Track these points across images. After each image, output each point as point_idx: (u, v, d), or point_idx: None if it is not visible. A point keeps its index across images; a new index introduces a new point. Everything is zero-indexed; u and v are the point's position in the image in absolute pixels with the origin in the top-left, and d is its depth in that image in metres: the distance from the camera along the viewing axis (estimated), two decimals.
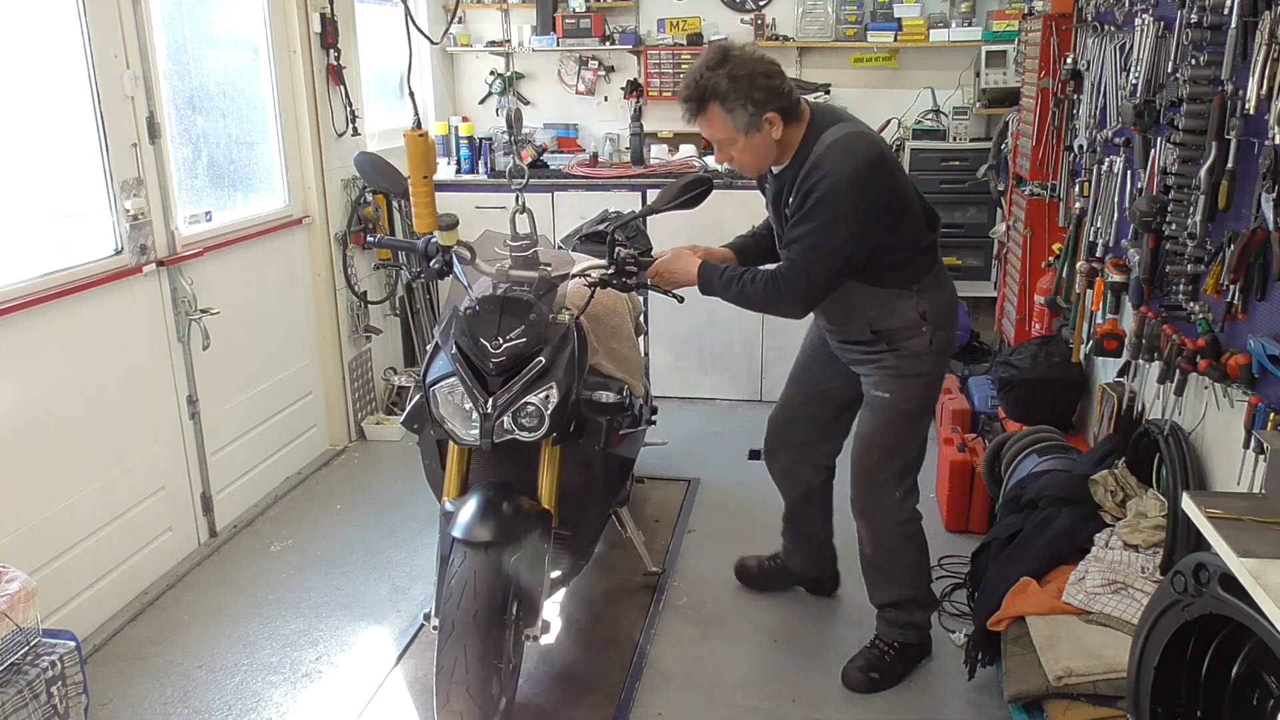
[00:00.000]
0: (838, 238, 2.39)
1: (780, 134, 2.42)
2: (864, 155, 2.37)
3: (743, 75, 2.35)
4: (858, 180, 2.35)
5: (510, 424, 2.46)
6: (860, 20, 5.27)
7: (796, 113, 2.44)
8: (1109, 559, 2.50)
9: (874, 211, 2.40)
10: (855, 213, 2.37)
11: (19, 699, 2.23)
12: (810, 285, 2.45)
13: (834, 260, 2.42)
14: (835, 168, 2.35)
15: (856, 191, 2.35)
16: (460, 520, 2.42)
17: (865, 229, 2.41)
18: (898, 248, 2.52)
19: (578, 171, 5.15)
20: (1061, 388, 3.66)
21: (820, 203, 2.36)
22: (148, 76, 3.30)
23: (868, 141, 2.43)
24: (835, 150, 2.38)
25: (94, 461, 3.12)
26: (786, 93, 2.40)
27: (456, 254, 2.62)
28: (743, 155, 2.48)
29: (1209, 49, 2.28)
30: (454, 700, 2.29)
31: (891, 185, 2.44)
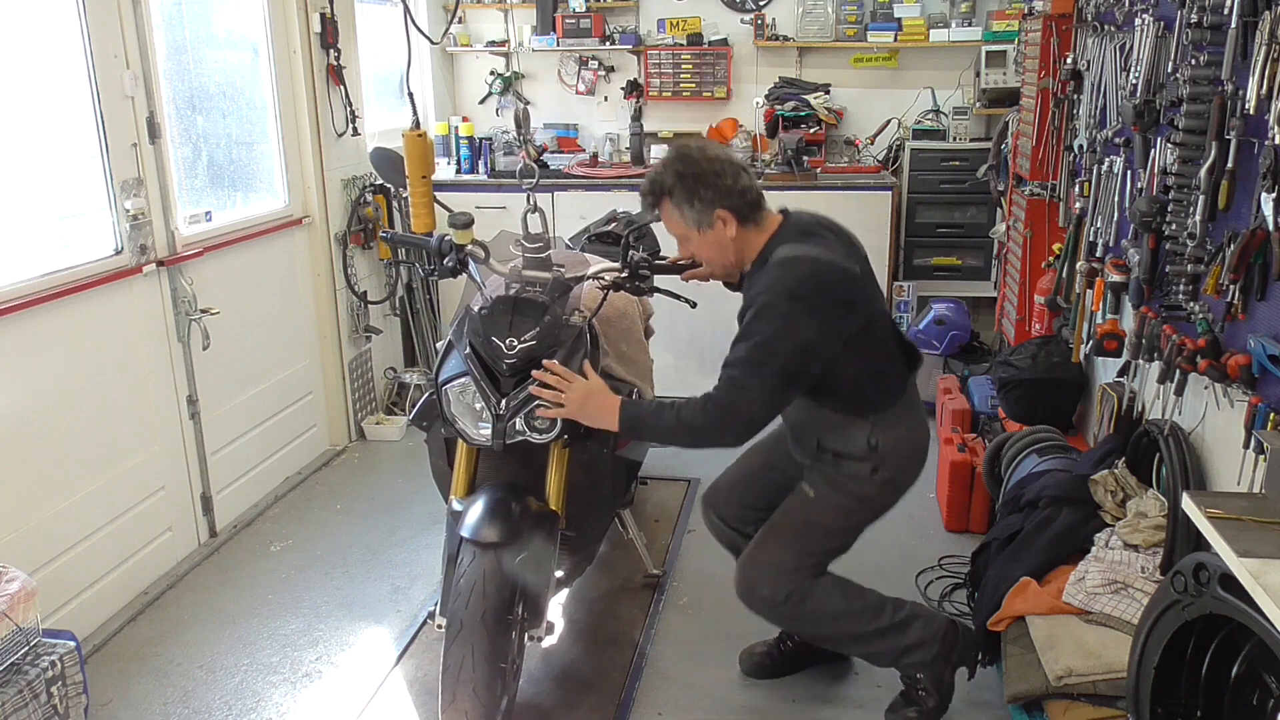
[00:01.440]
0: (775, 355, 2.25)
1: (734, 233, 2.35)
2: (805, 272, 2.27)
3: (690, 173, 2.32)
4: (794, 296, 2.24)
5: (522, 425, 2.46)
6: (860, 20, 5.27)
7: (755, 217, 2.37)
8: (1109, 559, 2.50)
9: (815, 329, 2.25)
10: (792, 329, 2.23)
11: (19, 699, 2.23)
12: (748, 404, 2.27)
13: (771, 379, 2.26)
14: (772, 283, 2.27)
15: (794, 306, 2.23)
16: (469, 520, 2.42)
17: (805, 347, 2.26)
18: (853, 374, 2.39)
19: (578, 171, 5.15)
20: (1061, 388, 3.66)
21: (756, 318, 2.27)
22: (148, 76, 3.30)
23: (813, 262, 2.30)
24: (776, 267, 2.30)
25: (94, 461, 3.12)
26: (740, 192, 2.32)
27: (470, 253, 2.62)
28: (701, 251, 2.42)
29: (1209, 49, 2.28)
30: (460, 699, 2.29)
31: (840, 305, 2.30)
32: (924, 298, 5.09)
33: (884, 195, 4.89)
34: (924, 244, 5.24)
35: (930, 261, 5.26)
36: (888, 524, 3.76)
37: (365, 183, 4.60)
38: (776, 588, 2.51)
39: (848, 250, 2.45)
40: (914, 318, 4.98)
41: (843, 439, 2.47)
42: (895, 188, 4.96)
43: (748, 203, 2.35)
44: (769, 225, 2.41)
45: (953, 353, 4.72)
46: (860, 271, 2.43)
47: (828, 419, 2.47)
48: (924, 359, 2.62)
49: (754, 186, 2.37)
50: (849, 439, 2.46)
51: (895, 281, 5.12)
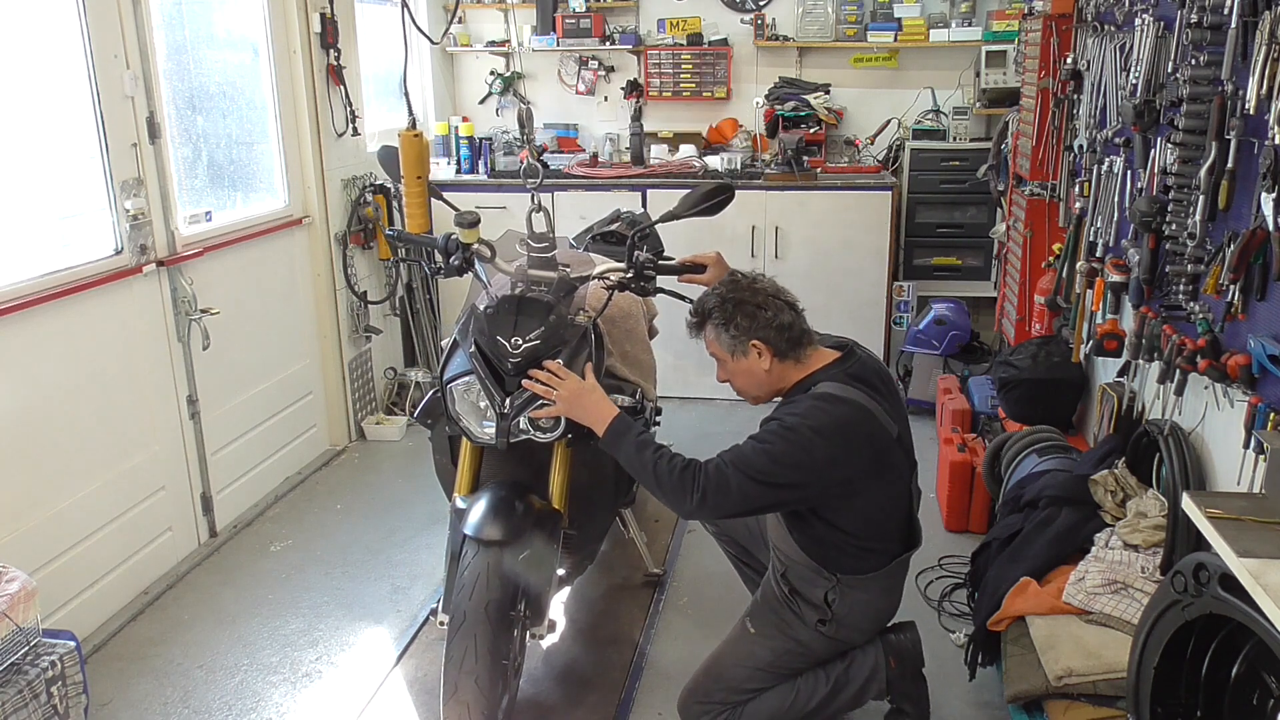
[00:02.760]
0: (774, 473, 2.20)
1: (770, 366, 2.33)
2: (842, 416, 2.23)
3: (732, 299, 2.33)
4: (821, 433, 2.20)
5: (526, 424, 2.47)
6: (860, 20, 5.27)
7: (795, 354, 2.33)
8: (1109, 559, 2.50)
9: (824, 474, 2.22)
10: (803, 461, 2.19)
11: (19, 699, 2.23)
12: (723, 496, 2.21)
13: (759, 489, 2.21)
14: (807, 410, 2.24)
15: (816, 442, 2.19)
16: (472, 518, 2.42)
17: (805, 484, 2.23)
18: (839, 529, 2.32)
19: (578, 171, 5.15)
20: (1061, 388, 3.66)
21: (776, 432, 2.23)
22: (148, 76, 3.30)
23: (855, 409, 2.25)
24: (817, 398, 2.26)
25: (94, 461, 3.12)
26: (779, 327, 2.30)
27: (476, 252, 2.62)
28: (733, 377, 2.41)
29: (1209, 49, 2.28)
30: (462, 690, 2.30)
31: (860, 467, 2.25)
32: (924, 298, 5.09)
33: (884, 195, 4.89)
34: (924, 244, 5.24)
35: (930, 261, 5.26)
36: None
37: (365, 183, 4.60)
38: (704, 710, 2.49)
39: (894, 409, 2.37)
40: (914, 318, 4.98)
41: (804, 581, 2.41)
42: (895, 188, 4.96)
43: (786, 339, 2.32)
44: (812, 362, 2.36)
45: (953, 353, 4.73)
46: (897, 435, 2.35)
47: (798, 557, 2.40)
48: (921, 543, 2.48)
49: (797, 325, 2.34)
50: (809, 584, 2.40)
51: (895, 281, 5.12)
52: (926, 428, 4.71)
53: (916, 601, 3.26)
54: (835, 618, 2.38)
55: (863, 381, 2.33)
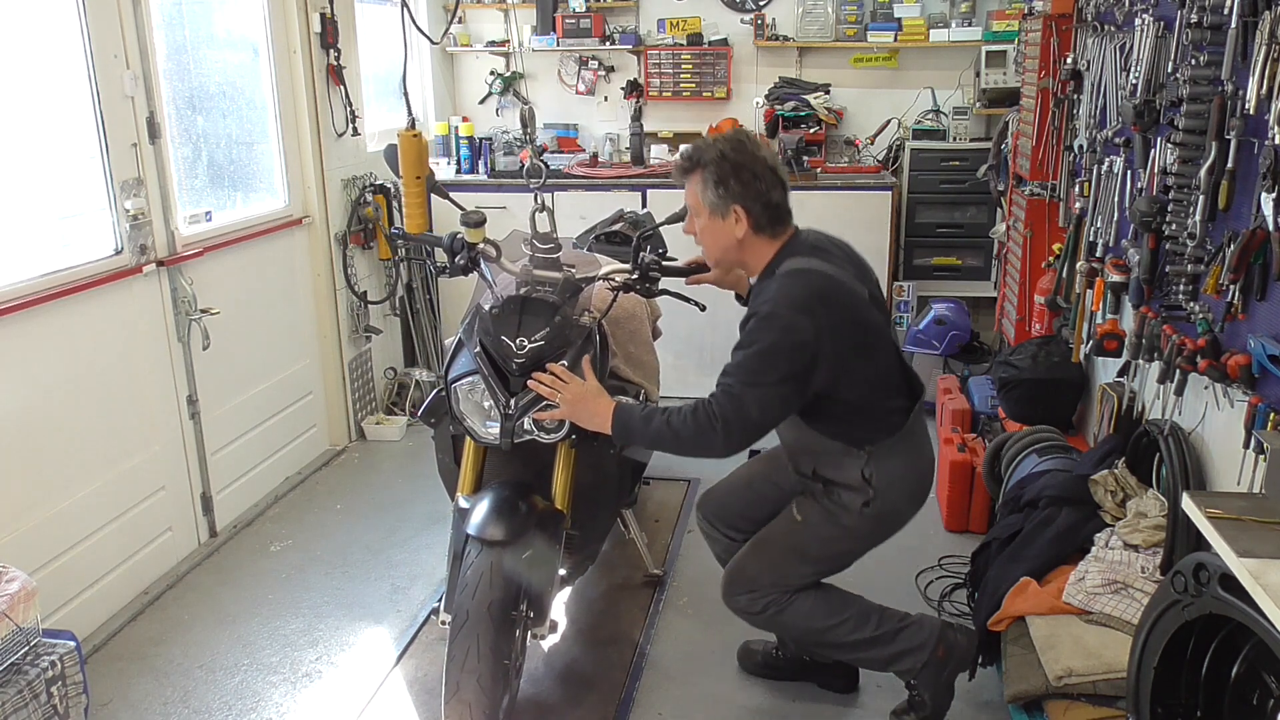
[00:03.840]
0: (774, 365, 2.22)
1: (743, 235, 2.32)
2: (811, 285, 2.26)
3: (731, 159, 2.30)
4: (797, 308, 2.21)
5: (530, 425, 2.47)
6: (860, 20, 5.27)
7: (770, 228, 2.34)
8: (1109, 559, 2.50)
9: (816, 344, 2.22)
10: (793, 341, 2.21)
11: (19, 699, 2.23)
12: (742, 416, 2.24)
13: (769, 391, 2.23)
14: (775, 294, 2.25)
15: (797, 319, 2.20)
16: (475, 518, 2.43)
17: (805, 361, 2.23)
18: (852, 400, 2.35)
19: (578, 171, 5.15)
20: (1061, 388, 3.66)
21: (757, 327, 2.24)
22: (148, 76, 3.30)
23: (820, 276, 2.28)
24: (782, 279, 2.28)
25: (94, 461, 3.12)
26: (764, 199, 2.30)
27: (482, 252, 2.62)
28: (703, 232, 2.40)
29: (1209, 49, 2.28)
30: (464, 690, 2.30)
31: (843, 323, 2.27)
32: (924, 298, 5.09)
33: (884, 195, 4.89)
34: (924, 244, 5.24)
35: (930, 261, 5.25)
36: None
37: (365, 183, 4.60)
38: (752, 600, 2.52)
39: (858, 273, 2.41)
40: (914, 318, 4.98)
41: (837, 468, 2.43)
42: (895, 188, 4.96)
43: (766, 211, 2.32)
44: (781, 238, 2.38)
45: (953, 353, 4.72)
46: (869, 296, 2.39)
47: (824, 445, 2.42)
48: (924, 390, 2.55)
49: (782, 203, 2.35)
50: (844, 469, 2.41)
51: (895, 281, 5.12)
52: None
53: (916, 601, 3.26)
54: (877, 492, 2.38)
55: (821, 251, 2.36)
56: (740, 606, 2.56)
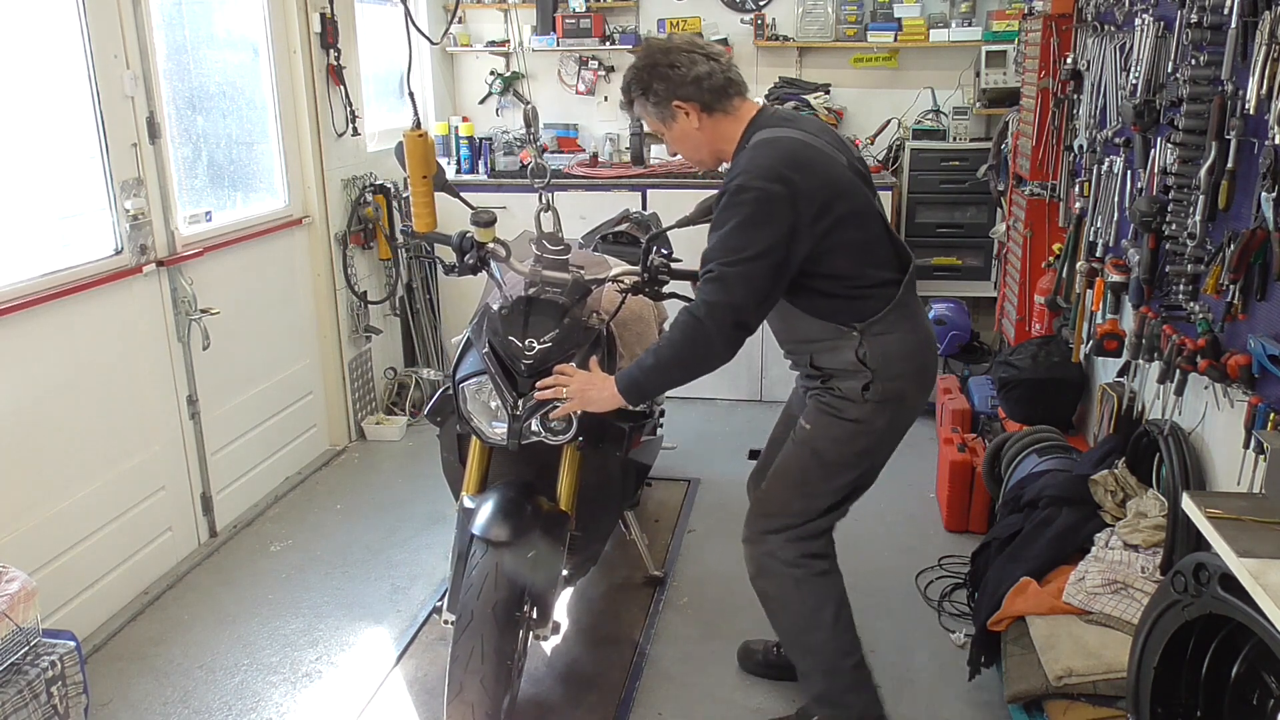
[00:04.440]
0: (753, 240, 2.10)
1: (700, 124, 2.26)
2: (784, 151, 2.15)
3: (645, 66, 2.25)
4: (770, 176, 2.10)
5: (538, 426, 2.47)
6: (860, 20, 5.27)
7: (722, 105, 2.26)
8: (1109, 559, 2.50)
9: (794, 212, 2.11)
10: (770, 210, 2.10)
11: (19, 699, 2.23)
12: (728, 299, 2.13)
13: (749, 268, 2.11)
14: (746, 165, 2.15)
15: (771, 188, 2.09)
16: (481, 518, 2.43)
17: (785, 230, 2.11)
18: (835, 275, 2.24)
19: (578, 171, 5.15)
20: (1061, 388, 3.66)
21: (730, 203, 2.13)
22: (148, 76, 3.30)
23: (792, 142, 2.18)
24: (752, 149, 2.18)
25: (94, 461, 3.12)
26: (696, 80, 2.22)
27: (492, 251, 2.62)
28: (677, 146, 2.35)
29: (1209, 49, 2.28)
30: (467, 690, 2.29)
31: (821, 188, 2.15)
32: (924, 298, 5.08)
33: (884, 195, 4.88)
34: (924, 244, 5.23)
35: (930, 261, 5.25)
36: (887, 524, 3.79)
37: (365, 183, 4.60)
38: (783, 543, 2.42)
39: (835, 142, 2.32)
40: None
41: (833, 353, 2.31)
42: (895, 188, 4.96)
43: (708, 91, 2.23)
44: (745, 113, 2.28)
45: (953, 353, 4.72)
46: (846, 163, 2.27)
47: (814, 330, 2.31)
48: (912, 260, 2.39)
49: (716, 73, 2.24)
50: (838, 353, 2.30)
51: None
52: (926, 428, 4.71)
53: (917, 601, 3.26)
54: (875, 373, 2.27)
55: (792, 121, 2.28)
56: (768, 550, 2.44)
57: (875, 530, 3.75)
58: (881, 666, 2.91)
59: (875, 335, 2.28)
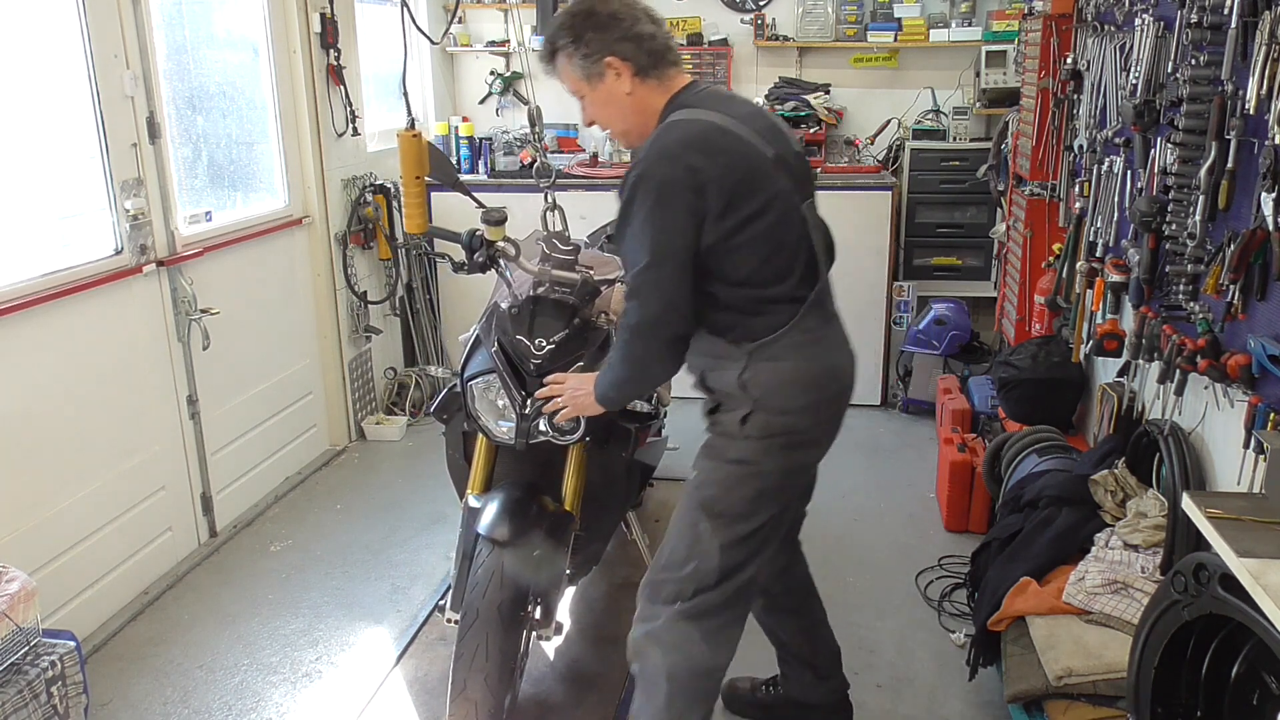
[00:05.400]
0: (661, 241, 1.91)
1: (631, 87, 2.02)
2: (694, 133, 1.94)
3: (580, 10, 2.01)
4: (674, 158, 1.90)
5: (546, 425, 2.47)
6: (860, 20, 5.27)
7: (657, 71, 2.03)
8: (1109, 559, 2.50)
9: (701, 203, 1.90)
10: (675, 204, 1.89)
11: (19, 699, 2.23)
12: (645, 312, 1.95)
13: (664, 275, 1.91)
14: (650, 149, 1.94)
15: (674, 172, 1.89)
16: (486, 518, 2.43)
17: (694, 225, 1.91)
18: (732, 282, 2.00)
19: (578, 171, 5.15)
20: (1061, 388, 3.66)
21: (630, 199, 1.93)
22: (148, 76, 3.30)
23: (705, 125, 1.96)
24: (662, 131, 1.97)
25: (94, 461, 3.12)
26: (636, 38, 2.00)
27: (501, 250, 2.62)
28: (597, 113, 2.10)
29: (1209, 49, 2.28)
30: (470, 688, 2.30)
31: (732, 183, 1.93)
32: (924, 298, 5.09)
33: (884, 195, 4.89)
34: (924, 244, 5.24)
35: (930, 261, 5.25)
36: (887, 524, 3.79)
37: (365, 183, 4.60)
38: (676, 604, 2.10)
39: (766, 131, 2.05)
40: (914, 318, 4.98)
41: (720, 373, 2.05)
42: (895, 188, 4.96)
43: (646, 52, 2.01)
44: (674, 85, 2.06)
45: (953, 353, 4.73)
46: (774, 157, 2.02)
47: (704, 344, 2.06)
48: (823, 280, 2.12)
49: (659, 36, 2.04)
50: (725, 373, 2.04)
51: (895, 281, 5.12)
52: (926, 428, 4.71)
53: (917, 601, 3.26)
54: (757, 403, 2.01)
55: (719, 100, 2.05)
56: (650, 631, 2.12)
57: (875, 530, 3.75)
58: (881, 666, 2.91)
59: (764, 359, 2.01)
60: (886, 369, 5.03)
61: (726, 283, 2.00)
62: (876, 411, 4.97)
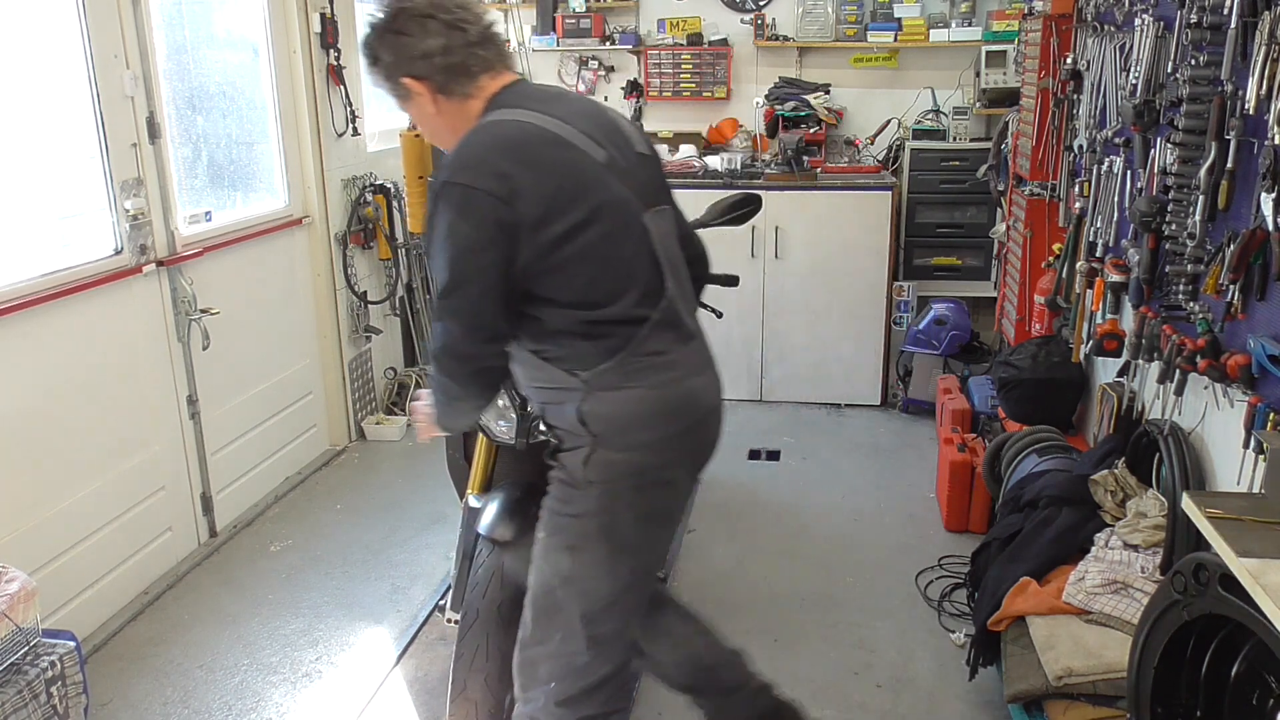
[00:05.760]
0: (465, 260, 1.70)
1: (435, 107, 1.83)
2: (500, 137, 1.74)
3: (379, 24, 1.82)
4: (481, 169, 1.69)
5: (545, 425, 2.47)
6: (860, 20, 5.27)
7: (460, 85, 1.81)
8: (1109, 559, 2.50)
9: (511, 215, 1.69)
10: (479, 218, 1.68)
11: (19, 699, 2.23)
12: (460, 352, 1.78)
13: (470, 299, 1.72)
14: (453, 157, 1.74)
15: (478, 184, 1.68)
16: (487, 518, 2.43)
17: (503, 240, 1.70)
18: (561, 303, 1.78)
19: None
20: (1061, 388, 3.66)
21: (430, 215, 1.73)
22: (148, 76, 3.30)
23: (513, 126, 1.76)
24: (469, 136, 1.78)
25: (94, 461, 3.12)
26: (426, 55, 1.78)
27: None
28: (423, 130, 1.94)
29: (1209, 49, 2.28)
30: (471, 689, 2.29)
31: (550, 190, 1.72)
32: (924, 298, 5.09)
33: (884, 195, 4.89)
34: (924, 244, 5.24)
35: (930, 261, 5.26)
36: (887, 524, 3.79)
37: (365, 183, 4.60)
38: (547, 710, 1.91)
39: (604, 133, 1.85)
40: (914, 318, 4.99)
41: (559, 408, 1.84)
42: (895, 188, 4.96)
43: (440, 69, 1.80)
44: (490, 89, 1.84)
45: (953, 353, 4.73)
46: (606, 160, 1.80)
47: (542, 376, 1.85)
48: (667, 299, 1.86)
49: (454, 46, 1.79)
50: (564, 408, 1.83)
51: (895, 281, 5.12)
52: (926, 428, 4.72)
53: (917, 601, 3.26)
54: (599, 439, 1.80)
55: (542, 100, 1.83)
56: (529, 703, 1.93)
57: (875, 530, 3.75)
58: (881, 666, 2.91)
59: (602, 389, 1.79)
60: (886, 369, 5.03)
61: (554, 304, 1.79)
62: (876, 411, 4.98)
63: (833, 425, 4.80)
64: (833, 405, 5.03)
